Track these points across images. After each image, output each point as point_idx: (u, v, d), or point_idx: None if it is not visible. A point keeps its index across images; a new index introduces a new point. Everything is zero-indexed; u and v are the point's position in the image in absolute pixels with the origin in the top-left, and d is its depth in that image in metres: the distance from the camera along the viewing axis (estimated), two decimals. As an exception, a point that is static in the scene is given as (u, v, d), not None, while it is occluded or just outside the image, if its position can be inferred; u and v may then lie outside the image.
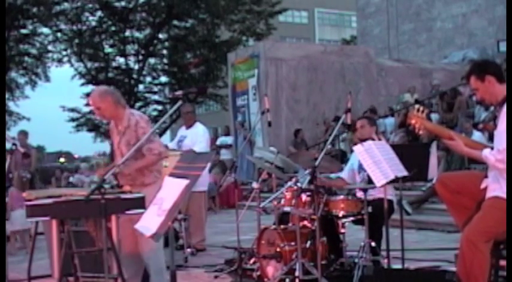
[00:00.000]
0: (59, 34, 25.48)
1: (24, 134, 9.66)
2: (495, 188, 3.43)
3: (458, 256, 3.52)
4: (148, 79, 27.30)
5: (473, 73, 3.57)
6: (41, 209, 3.66)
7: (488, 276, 3.39)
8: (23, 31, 25.03)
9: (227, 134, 15.56)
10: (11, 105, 26.38)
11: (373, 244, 4.83)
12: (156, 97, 27.83)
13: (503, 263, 3.48)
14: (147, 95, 27.51)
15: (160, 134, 24.61)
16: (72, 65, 26.01)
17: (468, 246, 3.37)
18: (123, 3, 25.08)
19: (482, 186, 3.56)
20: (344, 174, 5.55)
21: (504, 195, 3.37)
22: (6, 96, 25.06)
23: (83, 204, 3.53)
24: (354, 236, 5.59)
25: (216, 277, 5.42)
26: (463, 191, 3.67)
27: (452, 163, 9.26)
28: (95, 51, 25.36)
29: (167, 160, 5.74)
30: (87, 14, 25.41)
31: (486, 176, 3.56)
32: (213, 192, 12.07)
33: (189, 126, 7.08)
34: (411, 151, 5.06)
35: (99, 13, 25.43)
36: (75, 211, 3.68)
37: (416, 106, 3.71)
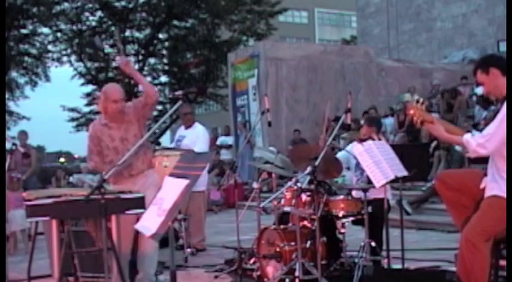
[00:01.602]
0: (59, 34, 25.48)
1: (24, 134, 9.67)
2: (493, 186, 3.42)
3: (458, 257, 3.51)
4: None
5: (479, 67, 3.57)
6: (41, 209, 3.66)
7: (488, 277, 3.39)
8: (23, 31, 25.02)
9: (227, 134, 15.55)
10: (11, 105, 26.42)
11: (373, 244, 4.83)
12: (156, 97, 27.78)
13: (503, 263, 3.47)
14: (147, 95, 27.47)
15: (161, 134, 24.64)
16: (72, 65, 26.03)
17: (468, 246, 3.37)
18: (123, 3, 25.09)
19: (482, 185, 3.56)
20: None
21: (502, 194, 3.36)
22: (6, 96, 25.07)
23: (83, 204, 3.53)
24: (354, 236, 5.59)
25: (216, 277, 5.42)
26: (462, 190, 3.66)
27: (452, 163, 9.27)
28: (95, 51, 25.36)
29: (167, 160, 5.76)
30: (87, 14, 25.42)
31: (486, 175, 3.55)
32: (219, 202, 12.14)
33: (188, 127, 7.08)
34: (411, 151, 5.07)
35: (99, 13, 25.44)
36: (75, 211, 3.68)
37: (416, 97, 3.71)
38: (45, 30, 25.27)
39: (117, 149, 4.56)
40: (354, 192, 5.16)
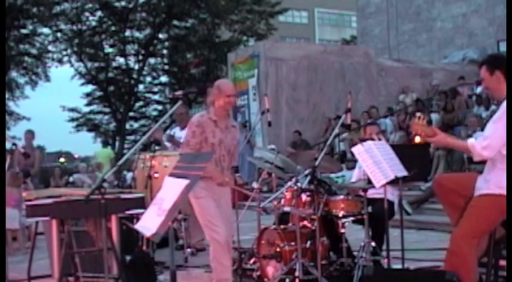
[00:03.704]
0: (59, 34, 25.52)
1: (31, 133, 9.61)
2: (482, 187, 3.47)
3: (447, 253, 3.56)
4: (149, 79, 27.34)
5: (486, 63, 3.61)
6: (41, 209, 3.66)
7: (488, 276, 3.39)
8: (23, 31, 25.05)
9: (227, 134, 15.54)
10: (11, 105, 26.44)
11: (373, 244, 4.82)
12: (156, 97, 27.84)
13: (503, 263, 3.47)
14: (147, 95, 27.53)
15: (160, 134, 24.63)
16: (72, 65, 26.05)
17: (457, 247, 3.48)
18: (123, 3, 25.12)
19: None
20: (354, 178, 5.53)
21: (489, 191, 3.41)
22: (6, 96, 25.08)
23: (83, 204, 3.53)
24: (354, 236, 5.59)
25: (216, 277, 5.41)
26: (459, 190, 3.69)
27: (452, 163, 9.26)
28: (95, 51, 25.39)
29: (167, 160, 5.75)
30: (87, 14, 25.46)
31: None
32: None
33: (183, 127, 7.07)
34: (411, 151, 5.05)
35: (99, 13, 25.47)
36: (75, 211, 3.68)
37: (418, 114, 3.73)
38: (45, 30, 25.34)
39: (214, 146, 4.60)
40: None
